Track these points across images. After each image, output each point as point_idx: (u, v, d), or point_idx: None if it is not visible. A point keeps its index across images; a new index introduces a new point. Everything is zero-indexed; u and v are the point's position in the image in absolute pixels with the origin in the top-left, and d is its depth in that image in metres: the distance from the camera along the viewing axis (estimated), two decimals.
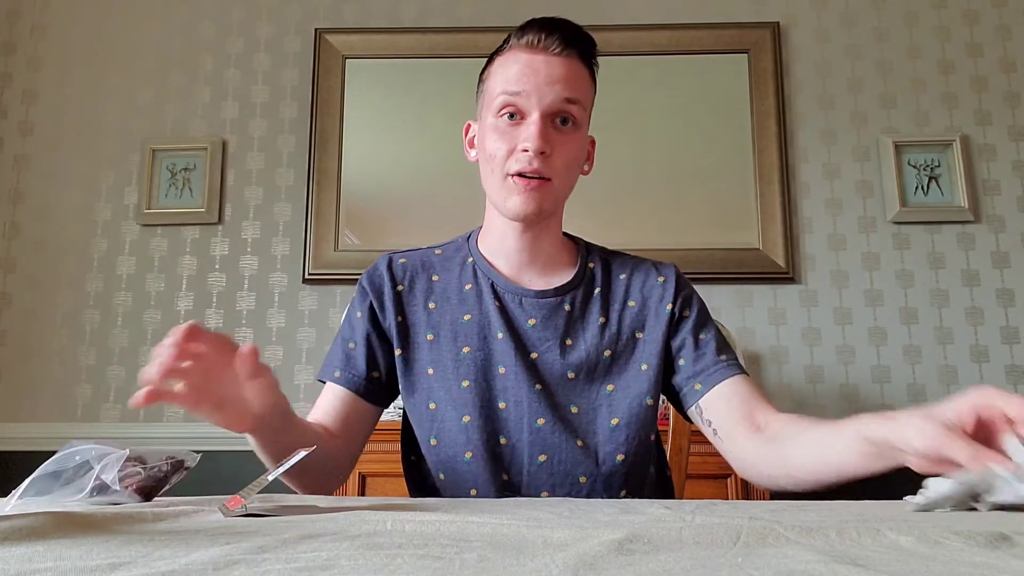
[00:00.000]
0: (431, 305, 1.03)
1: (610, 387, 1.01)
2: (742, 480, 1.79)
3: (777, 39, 2.37)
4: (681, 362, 1.02)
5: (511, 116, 0.96)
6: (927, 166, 2.29)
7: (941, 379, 2.16)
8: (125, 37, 2.45)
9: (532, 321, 1.01)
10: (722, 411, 0.98)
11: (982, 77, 2.34)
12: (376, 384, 1.03)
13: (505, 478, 0.97)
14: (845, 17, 2.40)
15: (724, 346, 1.03)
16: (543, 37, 0.97)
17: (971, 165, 2.29)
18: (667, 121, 2.33)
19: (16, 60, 2.44)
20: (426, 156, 2.32)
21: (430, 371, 1.00)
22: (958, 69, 2.35)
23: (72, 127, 2.39)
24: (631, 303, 1.04)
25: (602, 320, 1.02)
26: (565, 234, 1.11)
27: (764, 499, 1.76)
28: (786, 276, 2.22)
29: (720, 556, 0.42)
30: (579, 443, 0.98)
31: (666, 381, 1.03)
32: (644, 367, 1.01)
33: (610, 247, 1.16)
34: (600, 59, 1.05)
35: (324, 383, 1.05)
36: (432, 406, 0.99)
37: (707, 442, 1.81)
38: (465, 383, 0.98)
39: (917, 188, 2.28)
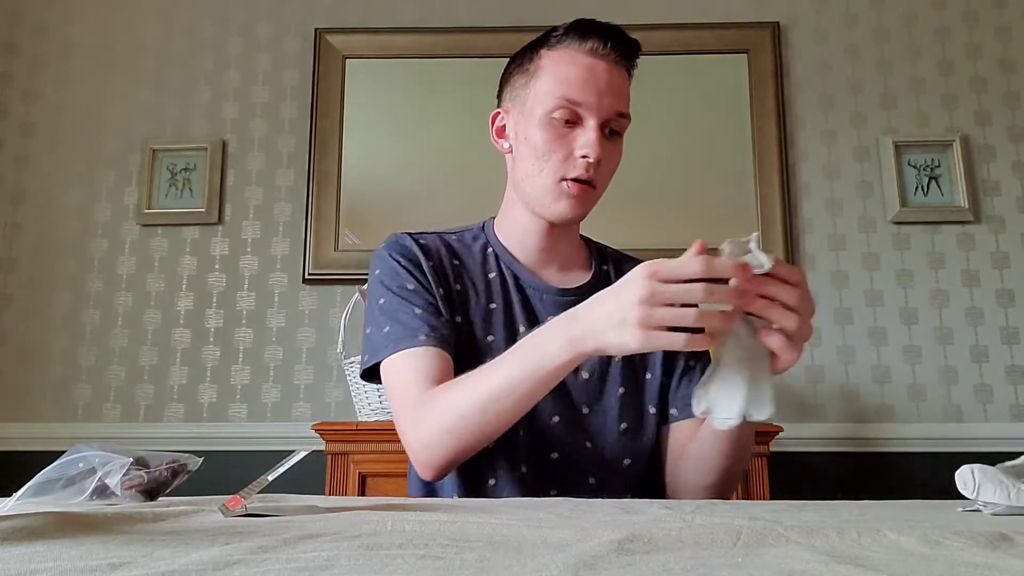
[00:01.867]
0: (457, 287, 1.02)
1: (621, 390, 1.01)
2: (742, 480, 1.79)
3: (777, 39, 2.37)
4: (672, 380, 1.04)
5: (566, 120, 0.96)
6: (927, 166, 2.29)
7: (941, 379, 2.16)
8: (126, 37, 2.45)
9: (551, 318, 1.01)
10: (678, 442, 1.01)
11: (982, 77, 2.34)
12: (455, 335, 0.98)
13: (524, 470, 0.97)
14: (845, 17, 2.40)
15: None
16: (607, 45, 0.97)
17: (971, 165, 2.29)
18: (667, 121, 2.33)
19: (17, 60, 2.43)
20: (426, 156, 2.32)
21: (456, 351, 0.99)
22: (958, 69, 2.35)
23: (72, 127, 2.39)
24: None
25: None
26: (583, 238, 1.13)
27: (764, 499, 1.76)
28: None
29: (720, 556, 0.42)
30: (588, 444, 0.98)
31: (661, 390, 1.04)
32: (648, 376, 1.03)
33: (610, 248, 1.17)
34: None
35: (373, 373, 0.97)
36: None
37: None
38: None
39: (917, 188, 2.28)
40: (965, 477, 0.65)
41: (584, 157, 0.95)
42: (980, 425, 2.12)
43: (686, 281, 0.70)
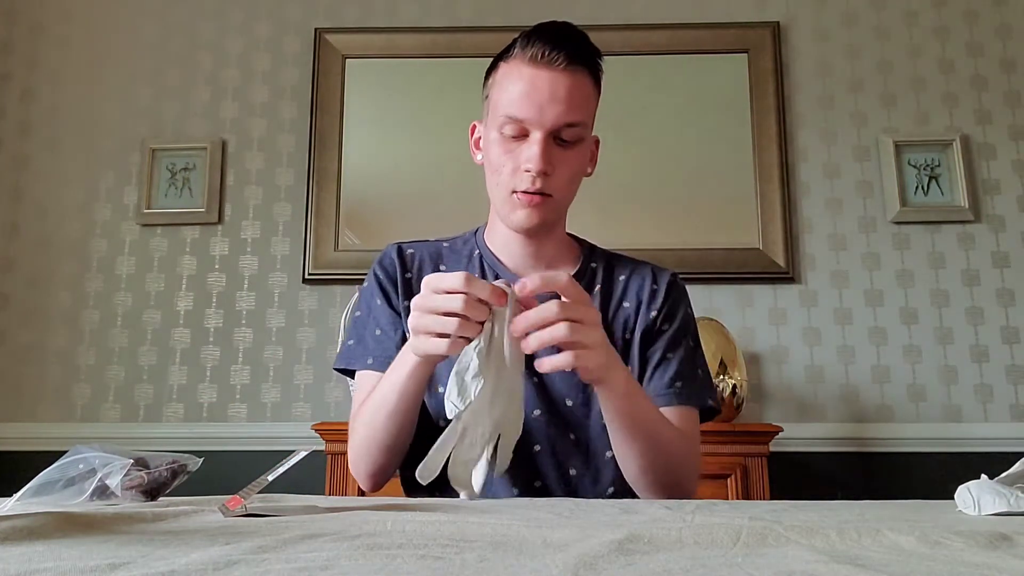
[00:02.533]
0: None
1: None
2: (742, 480, 1.79)
3: (777, 39, 2.37)
4: (647, 373, 1.05)
5: (513, 134, 0.97)
6: (927, 166, 2.29)
7: (941, 379, 2.16)
8: (124, 37, 2.44)
9: None
10: None
11: (982, 77, 2.34)
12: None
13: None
14: (845, 17, 2.40)
15: (685, 372, 1.03)
16: (547, 51, 0.95)
17: (971, 165, 2.29)
18: (667, 121, 2.33)
19: (15, 60, 2.43)
20: (426, 156, 2.32)
21: None
22: (958, 69, 2.35)
23: (71, 127, 2.39)
24: (626, 304, 1.07)
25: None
26: (569, 235, 1.13)
27: (764, 499, 1.76)
28: (786, 276, 2.22)
29: (720, 556, 0.42)
30: (571, 436, 1.00)
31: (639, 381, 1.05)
32: (628, 368, 1.03)
33: (611, 248, 1.16)
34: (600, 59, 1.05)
35: (349, 374, 1.07)
36: (440, 389, 1.01)
37: (706, 442, 1.81)
38: (441, 389, 1.00)
39: (917, 188, 2.27)
40: (963, 496, 0.66)
41: (527, 171, 0.96)
42: (980, 425, 2.12)
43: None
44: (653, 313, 1.05)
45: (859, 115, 2.34)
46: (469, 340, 0.77)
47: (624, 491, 1.00)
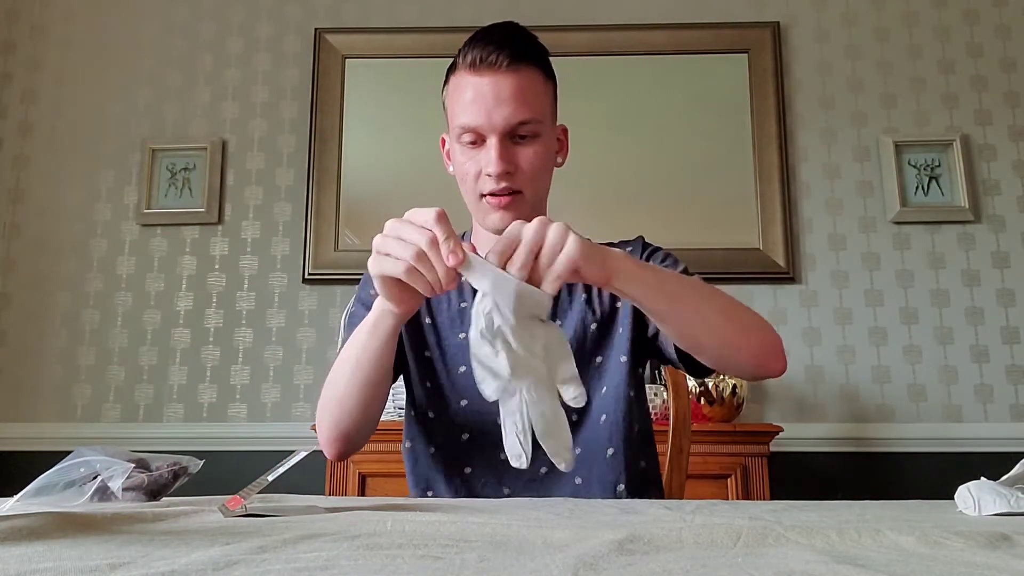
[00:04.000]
0: None
1: (599, 359, 1.04)
2: (742, 480, 1.79)
3: (777, 39, 2.37)
4: (650, 328, 1.03)
5: (471, 141, 0.99)
6: (927, 166, 2.29)
7: (941, 379, 2.16)
8: (125, 37, 2.44)
9: None
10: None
11: (982, 77, 2.34)
12: (399, 358, 1.05)
13: (501, 457, 1.00)
14: (845, 17, 2.40)
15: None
16: (486, 55, 0.96)
17: (971, 165, 2.29)
18: (667, 121, 2.33)
19: (16, 60, 2.43)
20: (426, 156, 2.31)
21: (426, 353, 1.06)
22: (958, 69, 2.35)
23: (72, 127, 2.39)
24: None
25: (585, 296, 1.06)
26: None
27: (764, 499, 1.76)
28: (786, 276, 2.22)
29: (720, 556, 0.42)
30: (573, 417, 1.01)
31: (645, 338, 1.04)
32: (620, 330, 1.05)
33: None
34: (600, 59, 1.06)
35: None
36: (462, 368, 1.04)
37: (707, 442, 1.82)
38: (462, 368, 1.03)
39: (917, 188, 2.27)
40: (964, 496, 0.66)
41: (488, 175, 0.97)
42: (980, 425, 2.12)
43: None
44: None
45: (859, 115, 2.34)
46: (422, 277, 0.73)
47: (624, 451, 1.01)
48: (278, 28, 2.44)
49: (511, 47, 0.97)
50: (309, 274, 2.26)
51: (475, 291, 1.05)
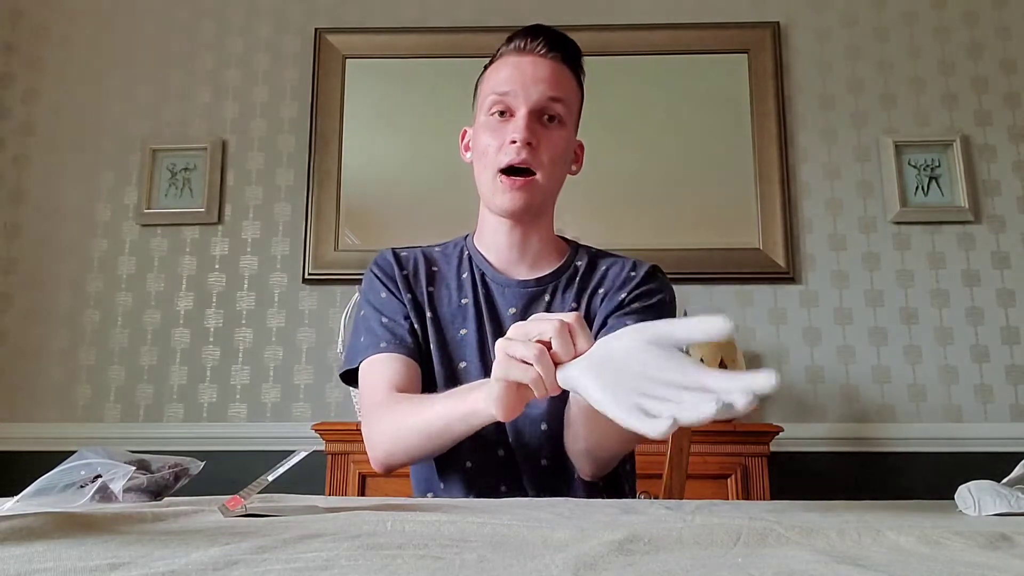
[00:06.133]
0: (430, 289, 1.10)
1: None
2: (742, 480, 1.79)
3: (777, 39, 2.36)
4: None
5: (501, 114, 1.02)
6: (927, 166, 2.29)
7: (941, 379, 2.16)
8: (125, 37, 2.45)
9: (512, 310, 1.06)
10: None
11: (982, 77, 2.34)
12: (419, 348, 1.06)
13: (501, 453, 1.03)
14: (845, 17, 2.40)
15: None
16: (529, 40, 1.03)
17: (971, 165, 2.29)
18: (667, 121, 2.33)
19: (17, 60, 2.43)
20: (426, 156, 2.32)
21: (430, 347, 1.07)
22: (958, 69, 2.35)
23: (72, 127, 2.39)
24: (601, 290, 1.08)
25: (574, 306, 1.07)
26: (562, 238, 1.15)
27: (764, 499, 1.76)
28: (786, 276, 2.22)
29: (720, 556, 0.42)
30: (543, 427, 1.01)
31: None
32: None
33: (611, 248, 1.17)
34: (600, 59, 1.08)
35: (352, 382, 1.08)
36: (463, 364, 1.06)
37: (707, 442, 1.82)
38: (463, 364, 1.05)
39: (917, 188, 2.27)
40: (964, 496, 0.66)
41: (513, 142, 0.99)
42: (980, 425, 2.12)
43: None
44: (623, 294, 1.05)
45: (859, 115, 2.33)
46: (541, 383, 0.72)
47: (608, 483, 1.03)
48: (278, 28, 2.44)
49: (559, 47, 1.04)
50: (309, 274, 2.26)
51: (474, 288, 1.06)
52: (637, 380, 0.63)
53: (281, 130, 2.38)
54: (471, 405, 0.84)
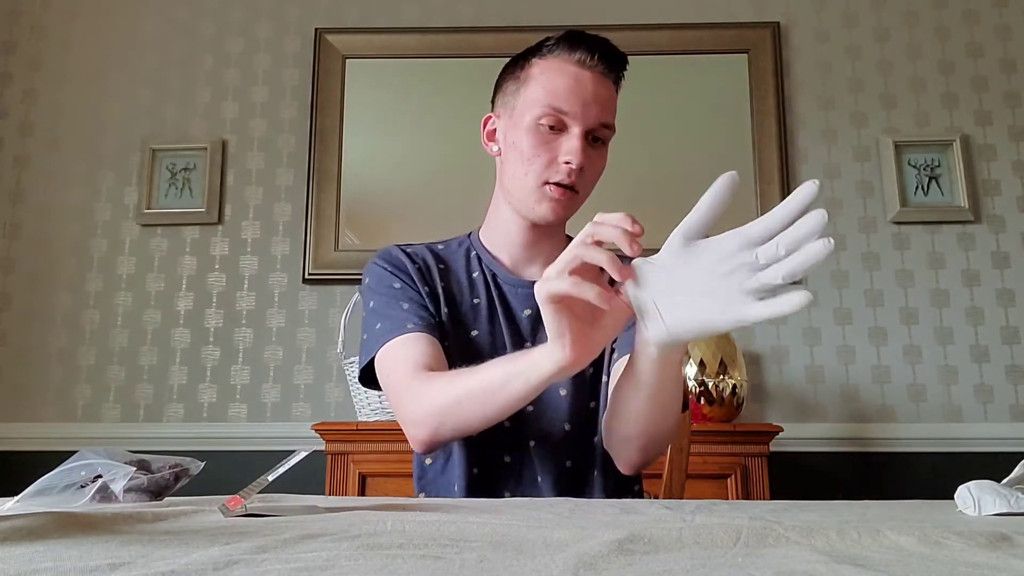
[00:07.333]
0: (442, 285, 1.07)
1: (591, 370, 1.05)
2: (742, 480, 1.79)
3: (777, 39, 2.37)
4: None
5: (551, 127, 0.99)
6: (927, 166, 2.29)
7: (941, 379, 2.16)
8: (125, 37, 2.44)
9: (528, 311, 1.06)
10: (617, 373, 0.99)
11: (982, 77, 2.34)
12: (441, 328, 1.03)
13: (506, 460, 1.02)
14: (845, 17, 2.40)
15: None
16: (595, 57, 1.00)
17: (971, 165, 2.29)
18: (667, 121, 2.33)
19: (16, 60, 2.43)
20: (426, 156, 2.32)
21: (445, 343, 1.05)
22: (958, 69, 2.35)
23: (72, 127, 2.39)
24: None
25: None
26: (571, 238, 1.13)
27: (764, 499, 1.76)
28: None
29: (720, 556, 0.42)
30: (567, 427, 1.02)
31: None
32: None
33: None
34: None
35: (371, 384, 1.03)
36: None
37: (707, 442, 1.82)
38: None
39: (917, 188, 2.27)
40: (964, 496, 0.66)
41: (567, 163, 0.98)
42: (980, 425, 2.12)
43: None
44: None
45: (859, 115, 2.33)
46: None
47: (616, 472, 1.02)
48: (278, 28, 2.44)
49: (618, 68, 1.02)
50: (309, 274, 2.26)
51: (487, 288, 1.06)
52: (715, 278, 0.68)
53: (281, 130, 2.38)
54: (532, 358, 0.80)
